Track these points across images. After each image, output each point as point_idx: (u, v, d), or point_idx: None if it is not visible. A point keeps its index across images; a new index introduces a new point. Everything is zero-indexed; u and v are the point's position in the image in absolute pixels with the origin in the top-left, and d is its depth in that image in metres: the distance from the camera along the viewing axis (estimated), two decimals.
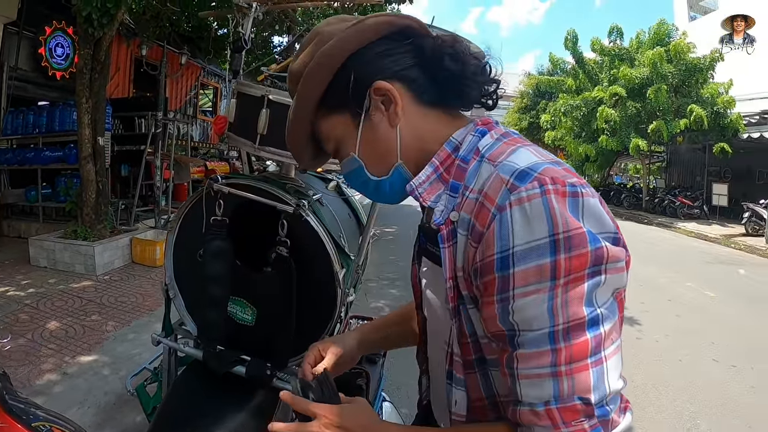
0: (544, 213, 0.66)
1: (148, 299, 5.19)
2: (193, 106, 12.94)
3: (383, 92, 0.83)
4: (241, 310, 1.84)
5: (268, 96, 1.61)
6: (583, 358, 0.66)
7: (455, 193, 0.80)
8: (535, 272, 0.66)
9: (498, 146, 0.79)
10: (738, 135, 15.96)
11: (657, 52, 16.80)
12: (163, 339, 1.94)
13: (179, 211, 1.87)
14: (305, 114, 0.89)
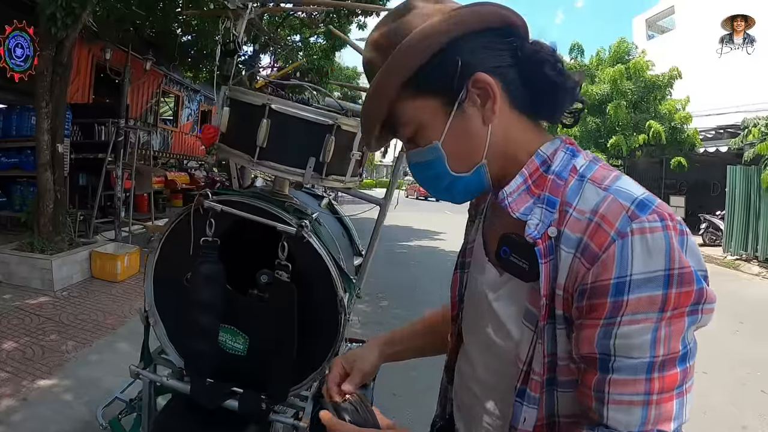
0: (664, 247, 0.67)
1: (110, 317, 4.92)
2: (153, 114, 12.55)
3: (483, 85, 0.78)
4: (232, 339, 1.68)
5: (270, 105, 1.46)
6: (672, 389, 0.67)
7: (552, 208, 0.78)
8: (647, 302, 0.66)
9: (596, 169, 0.78)
10: (694, 149, 16.55)
11: (617, 69, 17.35)
12: (142, 371, 1.76)
13: (163, 230, 1.70)
14: (390, 90, 0.81)
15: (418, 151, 0.85)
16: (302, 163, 1.53)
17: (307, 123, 1.52)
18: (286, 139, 1.51)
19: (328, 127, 1.53)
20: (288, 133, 1.51)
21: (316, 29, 13.28)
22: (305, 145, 1.53)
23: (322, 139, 1.52)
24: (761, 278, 10.95)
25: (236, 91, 1.56)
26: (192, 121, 15.43)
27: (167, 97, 13.72)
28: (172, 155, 14.21)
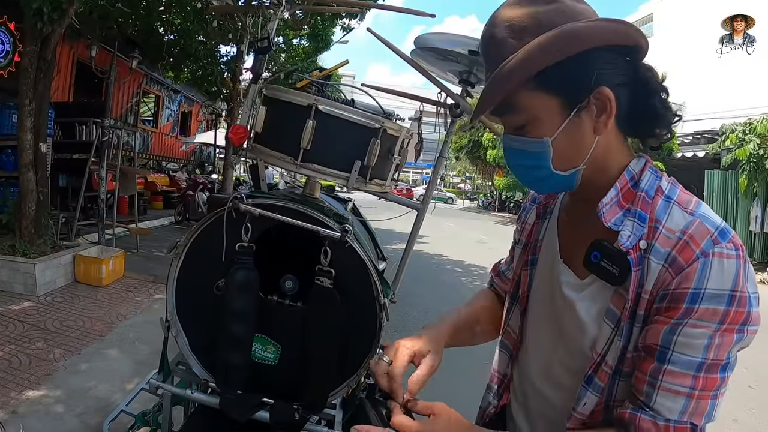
0: (734, 272, 0.78)
1: (97, 323, 4.78)
2: (134, 114, 12.33)
3: (604, 99, 0.83)
4: (262, 348, 1.61)
5: (317, 105, 1.41)
6: (711, 390, 0.80)
7: (642, 222, 0.86)
8: (711, 313, 0.78)
9: (678, 192, 0.87)
10: (672, 154, 16.89)
11: None
12: (163, 385, 1.67)
13: (189, 235, 1.61)
14: (521, 77, 0.82)
15: (524, 140, 0.89)
16: (347, 166, 1.48)
17: (353, 125, 1.46)
18: (332, 141, 1.45)
19: (374, 130, 1.48)
20: (333, 135, 1.45)
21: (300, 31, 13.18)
22: (351, 148, 1.48)
23: (367, 143, 1.47)
24: None
25: (276, 90, 1.49)
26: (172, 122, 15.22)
27: (147, 98, 13.49)
28: (151, 156, 13.98)
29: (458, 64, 1.71)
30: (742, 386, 4.78)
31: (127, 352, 4.26)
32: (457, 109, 1.67)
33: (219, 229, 1.52)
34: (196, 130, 17.47)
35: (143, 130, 12.96)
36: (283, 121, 1.47)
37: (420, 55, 1.71)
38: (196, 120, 17.65)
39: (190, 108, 16.87)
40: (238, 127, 1.60)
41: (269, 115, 1.51)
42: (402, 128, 1.56)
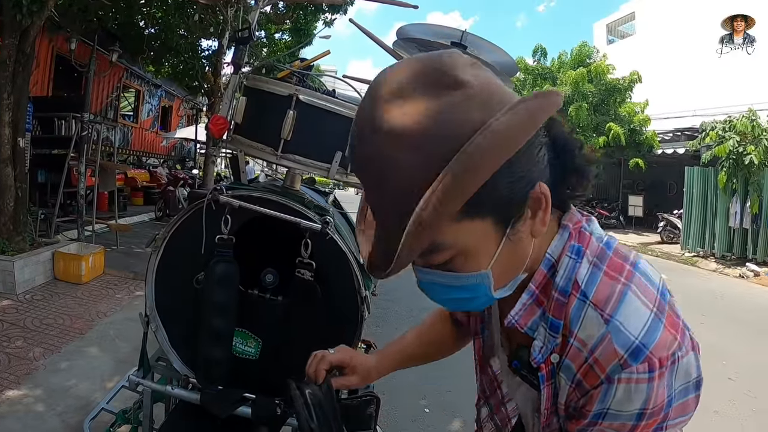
0: (644, 394, 0.69)
1: (77, 321, 4.70)
2: (114, 109, 12.16)
3: (538, 198, 0.66)
4: (243, 342, 1.60)
5: (298, 95, 1.39)
6: None
7: (555, 333, 0.75)
8: (618, 427, 0.72)
9: (599, 282, 0.72)
10: (653, 151, 17.12)
11: (579, 72, 17.80)
12: (143, 381, 1.65)
13: (167, 228, 1.59)
14: (444, 219, 0.60)
15: (454, 276, 0.70)
16: (328, 157, 1.47)
17: (334, 116, 1.45)
18: (312, 132, 1.44)
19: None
20: (314, 125, 1.44)
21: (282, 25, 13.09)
22: (332, 139, 1.46)
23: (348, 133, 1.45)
24: (718, 273, 11.41)
25: (257, 80, 1.47)
26: (152, 117, 15.04)
27: (127, 92, 13.32)
28: (131, 152, 13.81)
29: None
30: (723, 378, 4.84)
31: (108, 349, 4.20)
32: None
33: (198, 222, 1.50)
34: (177, 125, 17.29)
35: (123, 125, 12.79)
36: (264, 112, 1.46)
37: (402, 47, 1.70)
38: (177, 115, 17.48)
39: (171, 103, 16.68)
40: (218, 117, 1.57)
41: (249, 105, 1.49)
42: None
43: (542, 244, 0.75)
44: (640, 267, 0.75)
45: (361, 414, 1.69)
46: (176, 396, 1.67)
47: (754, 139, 11.17)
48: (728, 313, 7.53)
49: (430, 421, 3.67)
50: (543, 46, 20.92)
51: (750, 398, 4.44)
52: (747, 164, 11.08)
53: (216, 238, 1.46)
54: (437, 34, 1.59)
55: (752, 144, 11.11)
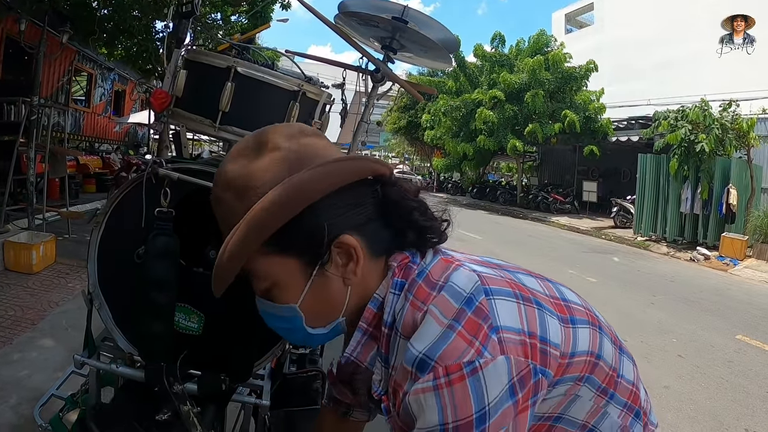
0: (435, 406, 0.71)
1: (29, 311, 4.59)
2: (65, 93, 11.73)
3: (347, 248, 0.78)
4: (186, 318, 1.58)
5: (236, 67, 1.39)
6: None
7: (387, 365, 0.82)
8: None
9: (407, 311, 0.79)
10: (607, 138, 17.60)
11: (537, 60, 18.12)
12: (88, 360, 1.62)
13: (109, 202, 1.57)
14: (249, 248, 0.76)
15: (273, 305, 0.83)
16: None
17: (272, 88, 1.45)
18: (251, 104, 1.44)
19: (293, 93, 1.48)
20: (253, 97, 1.44)
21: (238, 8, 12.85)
22: (270, 111, 1.47)
23: (287, 106, 1.47)
24: (670, 257, 11.85)
25: (197, 53, 1.47)
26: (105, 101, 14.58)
27: (79, 76, 12.86)
28: (84, 138, 13.38)
29: (381, 30, 1.72)
30: (672, 355, 5.10)
31: (61, 339, 4.11)
32: (378, 73, 1.68)
33: (140, 197, 1.49)
34: (130, 109, 16.77)
35: (75, 110, 12.36)
36: (203, 84, 1.45)
37: (343, 21, 1.71)
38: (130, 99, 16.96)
39: (124, 86, 16.18)
40: (160, 91, 1.55)
41: (189, 78, 1.48)
42: (323, 92, 1.57)
43: (370, 288, 0.83)
44: (448, 284, 0.79)
45: (307, 390, 1.72)
46: (120, 374, 1.65)
47: (706, 128, 11.59)
48: (679, 294, 7.87)
49: None
50: (501, 33, 21.20)
51: (699, 374, 4.67)
52: (698, 152, 11.50)
53: (155, 212, 1.44)
54: (378, 9, 1.61)
55: (704, 133, 11.52)
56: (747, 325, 6.41)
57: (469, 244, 11.71)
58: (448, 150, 22.97)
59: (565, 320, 0.85)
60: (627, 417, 0.93)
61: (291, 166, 0.76)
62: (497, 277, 0.83)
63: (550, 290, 0.89)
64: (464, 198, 26.27)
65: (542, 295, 0.86)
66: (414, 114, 27.25)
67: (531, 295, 0.83)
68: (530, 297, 0.83)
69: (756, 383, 4.57)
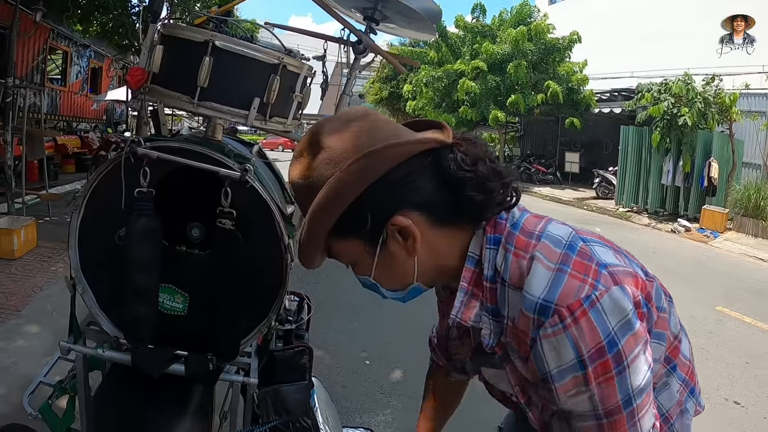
0: (568, 344, 0.78)
1: (12, 298, 4.53)
2: (40, 73, 11.43)
3: (401, 228, 0.84)
4: (170, 299, 1.57)
5: (214, 41, 1.35)
6: (621, 428, 0.81)
7: (498, 317, 0.88)
8: (572, 383, 0.80)
9: (511, 261, 0.85)
10: (590, 110, 17.67)
11: (519, 30, 17.99)
12: (75, 346, 1.61)
13: (87, 184, 1.53)
14: (318, 237, 0.86)
15: (360, 276, 0.94)
16: (246, 103, 1.44)
17: (252, 61, 1.42)
18: (230, 78, 1.41)
19: (273, 66, 1.44)
20: (231, 72, 1.41)
21: None
22: (249, 85, 1.44)
23: (266, 79, 1.44)
24: (651, 228, 12.01)
25: (173, 27, 1.42)
26: (81, 79, 14.24)
27: (55, 54, 12.50)
28: (61, 117, 13.09)
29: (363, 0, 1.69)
30: None
31: (46, 324, 4.06)
32: (360, 45, 1.65)
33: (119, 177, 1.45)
34: (108, 86, 16.36)
35: (51, 90, 12.06)
36: (180, 59, 1.41)
37: None
38: (107, 76, 16.55)
39: (101, 63, 15.78)
40: (136, 68, 1.51)
41: (166, 54, 1.43)
42: (303, 65, 1.54)
43: (448, 253, 0.89)
44: (546, 233, 0.86)
45: (294, 365, 1.72)
46: (107, 358, 1.64)
47: (689, 102, 11.63)
48: (659, 265, 7.92)
49: (370, 372, 3.75)
50: (482, 4, 21.01)
51: None
52: (680, 125, 11.57)
53: (135, 192, 1.42)
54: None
55: (686, 106, 11.57)
56: (727, 296, 6.50)
57: None
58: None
59: (647, 274, 0.95)
60: (683, 392, 1.03)
61: (335, 165, 0.82)
62: (585, 232, 0.91)
63: (622, 257, 0.93)
64: None
65: (620, 252, 0.93)
66: (395, 85, 27.02)
67: (620, 249, 0.92)
68: (620, 250, 0.92)
69: (735, 354, 4.64)
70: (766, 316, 5.74)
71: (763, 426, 3.48)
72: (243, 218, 1.40)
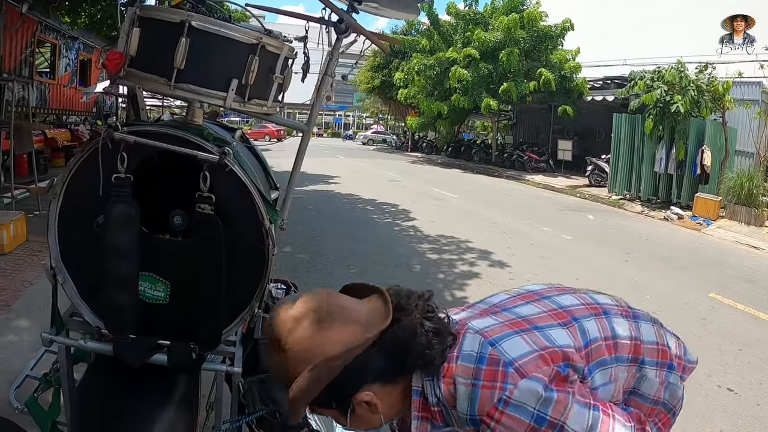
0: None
1: (2, 293, 4.48)
2: (29, 66, 11.28)
3: (365, 400, 0.99)
4: (151, 287, 1.54)
5: (190, 22, 1.31)
6: None
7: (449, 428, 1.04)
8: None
9: (443, 389, 1.00)
10: (582, 97, 17.64)
11: (512, 18, 17.92)
12: (56, 338, 1.58)
13: (65, 171, 1.50)
14: (299, 412, 1.03)
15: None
16: (224, 85, 1.41)
17: (229, 42, 1.39)
18: (207, 59, 1.38)
19: (252, 46, 1.41)
20: (209, 53, 1.38)
21: None
22: (227, 67, 1.41)
23: (245, 60, 1.41)
24: (644, 216, 12.03)
25: (149, 9, 1.38)
26: (70, 71, 14.06)
27: (43, 47, 12.33)
28: (50, 111, 12.94)
29: None
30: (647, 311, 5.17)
31: (37, 319, 4.01)
32: (342, 24, 1.61)
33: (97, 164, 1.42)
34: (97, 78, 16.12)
35: (40, 83, 11.91)
36: (156, 41, 1.38)
37: None
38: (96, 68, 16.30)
39: (89, 55, 15.54)
40: (114, 52, 1.47)
41: (143, 36, 1.40)
42: (284, 45, 1.50)
43: (400, 400, 1.05)
44: (461, 354, 1.01)
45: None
46: (90, 349, 1.61)
47: (682, 90, 11.60)
48: (652, 252, 8.01)
49: None
50: None
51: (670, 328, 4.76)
52: (673, 113, 11.55)
53: (113, 178, 1.38)
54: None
55: (679, 94, 11.54)
56: (719, 283, 6.46)
57: (446, 203, 11.85)
58: (422, 109, 22.82)
59: (565, 323, 1.08)
60: (661, 373, 1.15)
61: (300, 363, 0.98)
62: (497, 326, 1.04)
63: (545, 306, 1.12)
64: (439, 157, 26.18)
65: (538, 316, 1.08)
66: (387, 73, 26.93)
67: (528, 324, 1.05)
68: (528, 326, 1.04)
69: (728, 340, 4.63)
70: (759, 304, 5.72)
71: (756, 412, 3.45)
72: (223, 203, 1.38)
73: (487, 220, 9.77)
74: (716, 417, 3.36)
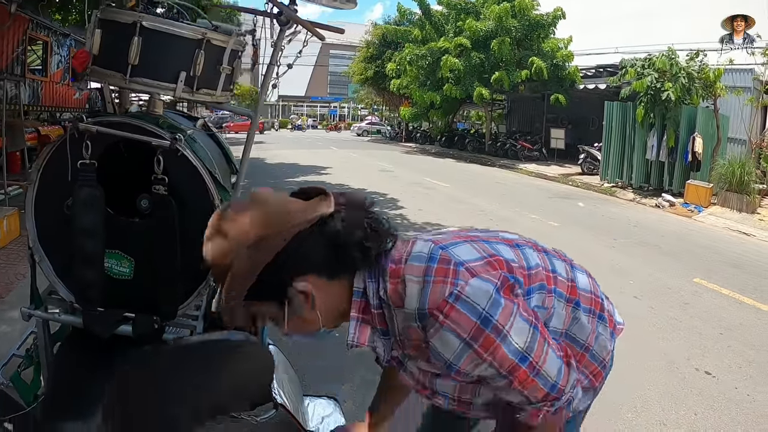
0: (450, 335, 0.98)
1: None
2: (21, 64, 11.35)
3: (303, 291, 0.99)
4: (117, 264, 1.69)
5: (141, 22, 1.48)
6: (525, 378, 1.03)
7: (387, 336, 1.08)
8: (469, 360, 1.00)
9: (389, 289, 1.03)
10: (575, 86, 17.64)
11: (503, 7, 17.87)
12: (34, 312, 1.73)
13: (39, 160, 1.64)
14: (234, 304, 1.00)
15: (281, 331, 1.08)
16: (173, 78, 1.57)
17: (177, 38, 1.55)
18: (158, 55, 1.54)
19: (197, 41, 1.57)
20: (159, 49, 1.54)
21: None
22: (176, 61, 1.57)
23: (191, 54, 1.56)
24: (636, 203, 12.09)
25: (108, 11, 1.55)
26: (63, 68, 14.08)
27: (35, 45, 12.38)
28: (43, 108, 13.00)
29: None
30: (628, 296, 5.17)
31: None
32: (282, 16, 1.75)
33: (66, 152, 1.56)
34: None
35: (32, 81, 11.99)
36: (114, 41, 1.54)
37: None
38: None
39: None
40: (81, 52, 1.63)
41: (103, 36, 1.55)
42: (229, 39, 1.65)
43: (341, 299, 1.06)
44: (411, 255, 1.05)
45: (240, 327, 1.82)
46: (63, 321, 1.75)
47: (672, 77, 11.59)
48: (640, 238, 8.01)
49: (339, 339, 3.73)
50: None
51: (652, 314, 4.76)
52: (664, 100, 11.52)
53: (78, 164, 1.52)
54: None
55: (670, 81, 11.53)
56: (705, 269, 6.42)
57: (436, 191, 11.86)
58: (415, 99, 22.80)
59: (511, 245, 1.14)
60: (593, 320, 1.21)
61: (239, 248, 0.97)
62: (446, 236, 1.10)
63: (491, 235, 1.18)
64: (433, 147, 26.21)
65: (489, 237, 1.15)
66: (380, 64, 26.92)
67: (479, 238, 1.11)
68: (478, 238, 1.11)
69: (710, 324, 4.60)
70: (744, 288, 5.68)
71: (734, 395, 3.42)
72: (176, 185, 1.51)
73: (475, 208, 9.82)
74: (691, 399, 3.36)
